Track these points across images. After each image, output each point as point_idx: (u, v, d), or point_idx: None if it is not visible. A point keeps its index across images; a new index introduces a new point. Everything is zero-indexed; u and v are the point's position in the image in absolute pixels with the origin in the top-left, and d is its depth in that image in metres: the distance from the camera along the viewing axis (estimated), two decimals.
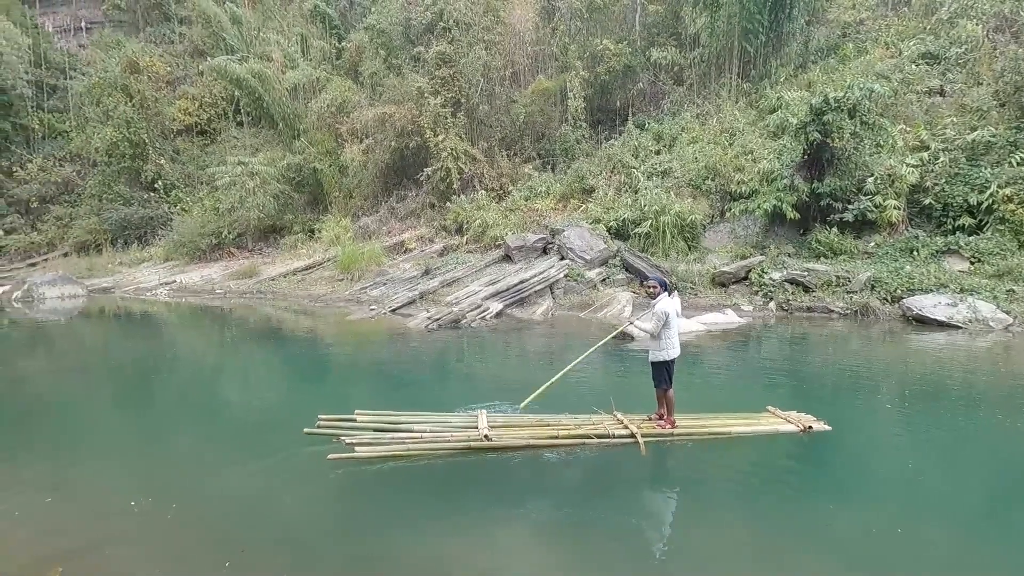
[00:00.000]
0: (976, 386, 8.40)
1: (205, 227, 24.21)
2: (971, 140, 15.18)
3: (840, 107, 14.83)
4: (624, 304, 14.55)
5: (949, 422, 7.00)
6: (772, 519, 4.69)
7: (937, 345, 10.91)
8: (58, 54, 34.69)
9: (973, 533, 4.46)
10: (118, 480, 5.47)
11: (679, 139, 20.24)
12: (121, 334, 14.85)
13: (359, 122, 23.09)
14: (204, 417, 7.66)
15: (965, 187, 14.68)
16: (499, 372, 9.82)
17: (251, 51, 28.86)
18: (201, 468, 5.77)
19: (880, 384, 8.63)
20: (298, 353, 11.90)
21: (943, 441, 6.41)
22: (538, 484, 5.15)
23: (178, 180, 27.90)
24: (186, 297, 20.10)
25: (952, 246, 14.29)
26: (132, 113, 27.02)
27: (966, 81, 17.59)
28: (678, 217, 16.79)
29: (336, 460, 5.38)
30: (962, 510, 4.83)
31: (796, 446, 6.05)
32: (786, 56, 21.02)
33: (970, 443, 6.33)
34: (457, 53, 21.67)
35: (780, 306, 14.20)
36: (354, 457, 5.42)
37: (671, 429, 6.08)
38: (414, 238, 21.18)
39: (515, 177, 22.09)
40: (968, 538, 4.38)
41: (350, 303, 17.02)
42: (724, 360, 10.30)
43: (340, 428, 5.93)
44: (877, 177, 15.10)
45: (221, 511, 4.85)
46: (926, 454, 6.07)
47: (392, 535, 4.37)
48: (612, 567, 4.02)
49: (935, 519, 4.65)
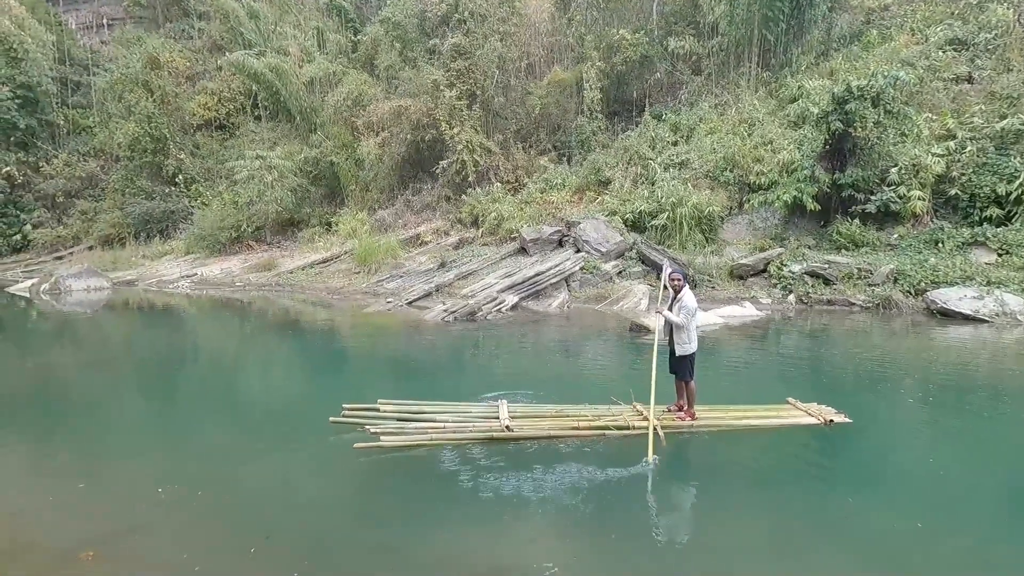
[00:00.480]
0: (1003, 381, 8.23)
1: (224, 221, 24.52)
2: (1000, 128, 14.76)
3: (863, 96, 14.50)
4: (640, 297, 14.47)
5: (973, 418, 6.88)
6: (791, 513, 4.67)
7: (962, 339, 10.69)
8: (81, 51, 35.26)
9: (994, 530, 4.39)
10: (147, 467, 5.61)
11: (697, 130, 19.99)
12: (146, 326, 15.18)
13: (375, 115, 23.14)
14: (229, 406, 7.83)
15: (993, 177, 14.30)
16: (515, 364, 9.86)
17: (268, 45, 29.07)
18: (228, 456, 5.91)
19: (902, 378, 8.49)
20: (317, 345, 12.07)
21: (967, 437, 6.30)
22: (558, 474, 5.19)
23: (198, 174, 28.26)
24: (207, 290, 20.45)
25: (979, 238, 13.96)
26: (153, 108, 27.38)
27: (995, 67, 17.06)
28: (695, 209, 16.61)
29: (361, 449, 5.49)
30: (984, 507, 4.76)
31: (817, 439, 6.00)
32: (807, 44, 20.58)
33: (995, 439, 6.21)
34: (472, 45, 21.59)
35: (800, 299, 14.01)
36: (379, 446, 5.53)
37: (691, 421, 6.07)
38: (430, 231, 21.25)
39: (531, 169, 22.01)
40: (988, 535, 4.31)
41: (367, 296, 17.18)
42: (743, 353, 10.22)
43: (364, 417, 6.05)
44: (901, 167, 14.77)
45: (247, 498, 4.96)
46: (949, 450, 5.97)
47: (412, 525, 4.43)
48: (628, 559, 4.04)
49: (956, 515, 4.58)
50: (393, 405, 6.27)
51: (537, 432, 5.83)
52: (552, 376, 8.79)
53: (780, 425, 6.15)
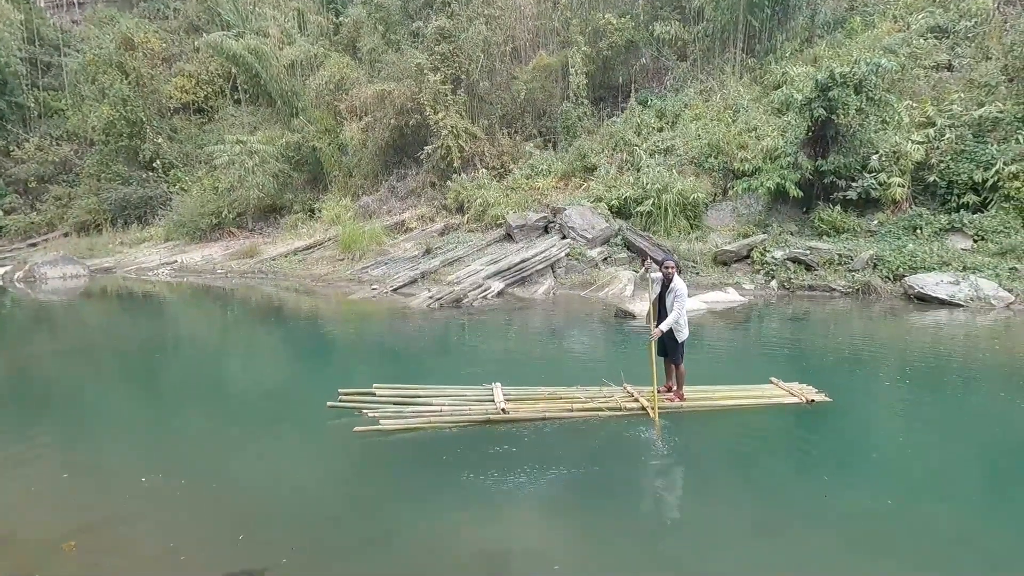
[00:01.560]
0: (975, 363, 8.46)
1: (205, 207, 24.09)
2: (978, 116, 15.01)
3: (846, 83, 14.62)
4: (626, 283, 14.55)
5: (949, 398, 7.08)
6: (775, 492, 4.78)
7: (938, 323, 10.95)
8: (51, 30, 34.11)
9: (968, 507, 4.53)
10: (132, 457, 5.53)
11: (682, 116, 20.01)
12: (125, 314, 14.91)
13: (358, 99, 22.80)
14: (217, 395, 7.74)
15: (971, 164, 14.56)
16: (503, 349, 9.88)
17: (247, 27, 28.36)
18: (216, 444, 5.85)
19: (880, 360, 8.69)
20: (303, 332, 11.96)
21: (942, 416, 6.48)
22: (551, 455, 5.27)
23: (176, 159, 27.66)
24: (188, 277, 20.12)
25: (956, 224, 14.24)
26: (128, 91, 26.64)
27: (975, 55, 17.29)
28: (680, 195, 16.69)
29: (361, 432, 5.55)
30: (954, 484, 4.91)
31: (799, 417, 6.20)
32: (792, 30, 20.65)
33: (969, 419, 6.39)
34: (457, 28, 21.29)
35: (782, 284, 14.21)
36: (378, 429, 5.59)
37: (680, 402, 6.24)
38: (415, 217, 21.09)
39: (516, 155, 21.89)
40: (962, 512, 4.44)
41: (351, 283, 17.04)
42: (726, 337, 10.36)
43: (361, 402, 6.13)
44: (882, 154, 14.97)
45: (237, 486, 4.91)
46: (923, 428, 6.14)
47: (406, 509, 4.45)
48: (615, 540, 4.10)
49: (927, 492, 4.72)
50: (389, 389, 6.36)
51: (532, 414, 5.95)
52: (541, 360, 8.84)
53: (764, 404, 6.36)
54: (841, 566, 3.78)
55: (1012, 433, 5.98)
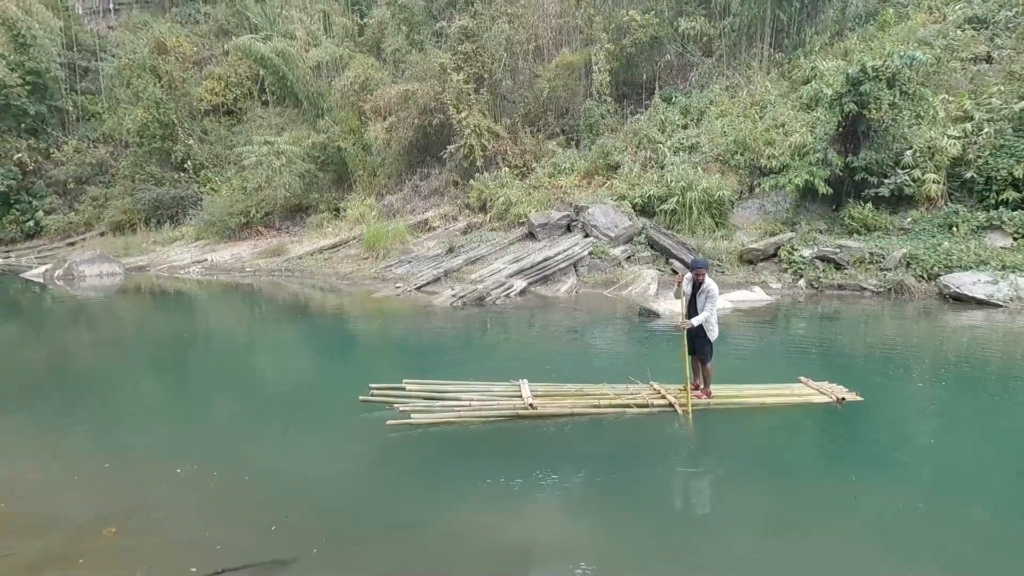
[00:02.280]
0: (1015, 365, 8.18)
1: (234, 206, 24.60)
2: (1019, 109, 14.46)
3: (878, 77, 14.23)
4: (649, 282, 14.43)
5: (985, 400, 6.88)
6: (805, 492, 4.73)
7: (975, 324, 10.61)
8: (89, 36, 35.20)
9: (1001, 510, 4.40)
10: (169, 447, 5.71)
11: (707, 113, 19.73)
12: (159, 310, 15.35)
13: (382, 100, 23.03)
14: (250, 388, 7.93)
15: (1011, 159, 14.03)
16: (527, 347, 9.90)
17: (275, 29, 28.91)
18: (251, 436, 6.03)
19: (914, 361, 8.47)
20: (330, 329, 12.16)
21: (977, 419, 6.29)
22: (577, 451, 5.32)
23: (207, 160, 28.30)
24: (217, 275, 20.60)
25: (994, 221, 13.75)
26: (161, 94, 27.38)
27: (1016, 46, 16.65)
28: (705, 193, 16.46)
29: (393, 426, 5.65)
30: (991, 487, 4.77)
31: (829, 417, 6.11)
32: (821, 24, 20.18)
33: (1005, 422, 6.20)
34: (480, 27, 21.35)
35: (810, 284, 13.92)
36: (409, 423, 5.69)
37: (708, 399, 6.23)
38: (438, 216, 21.22)
39: (539, 154, 21.86)
40: (995, 515, 4.32)
41: (376, 281, 17.25)
42: (753, 336, 10.20)
43: (391, 396, 6.26)
44: (916, 150, 14.55)
45: (271, 477, 5.03)
46: (957, 432, 5.97)
47: (433, 501, 4.52)
48: (640, 537, 4.09)
49: (963, 496, 4.59)
50: (418, 384, 6.49)
51: (560, 410, 6.00)
52: (565, 358, 8.84)
53: (793, 403, 6.29)
54: (870, 567, 3.71)
55: None
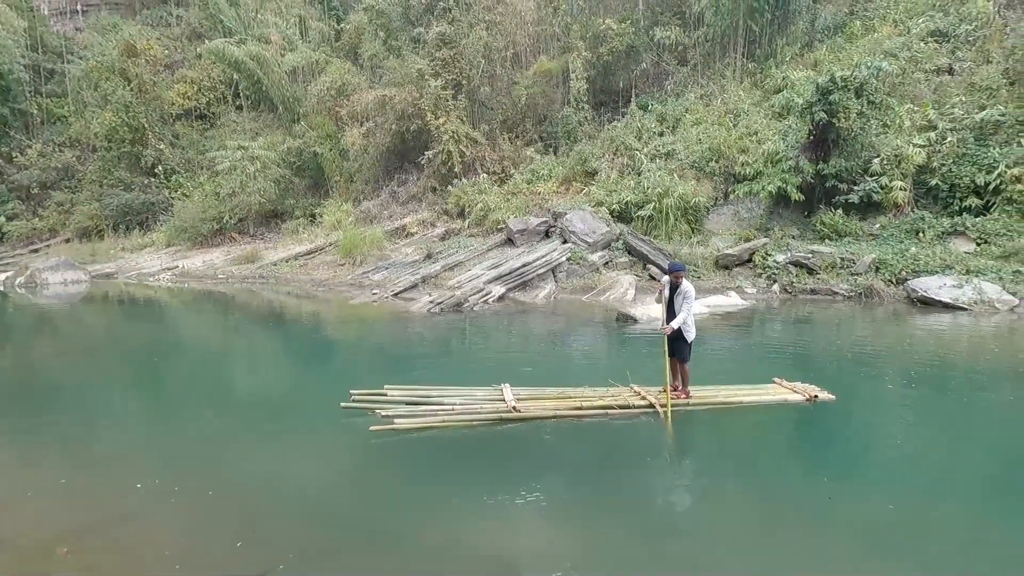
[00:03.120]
0: (979, 366, 8.39)
1: (206, 212, 24.12)
2: (979, 119, 14.98)
3: (847, 86, 14.61)
4: (627, 287, 14.50)
5: (952, 400, 7.03)
6: (782, 493, 4.75)
7: (941, 326, 10.88)
8: (54, 37, 34.28)
9: (971, 509, 4.47)
10: (133, 462, 5.46)
11: (683, 120, 20.02)
12: (126, 319, 14.89)
13: (359, 105, 22.86)
14: (218, 399, 7.67)
15: (972, 167, 14.52)
16: (506, 353, 9.82)
17: (249, 33, 28.53)
18: (220, 448, 5.80)
19: (883, 363, 8.63)
20: (305, 336, 11.93)
21: (945, 418, 6.42)
22: (560, 456, 5.33)
23: (178, 165, 27.71)
24: (189, 282, 20.11)
25: (958, 227, 14.18)
26: (130, 97, 26.75)
27: (975, 59, 17.28)
28: (681, 199, 16.67)
29: (375, 432, 5.60)
30: (961, 486, 4.85)
31: (802, 417, 6.27)
32: (792, 35, 20.68)
33: (972, 421, 6.34)
34: (458, 34, 21.37)
35: (784, 288, 14.15)
36: (393, 428, 5.65)
37: (686, 400, 6.36)
38: (416, 222, 21.09)
39: (517, 160, 21.91)
40: (966, 514, 4.38)
41: (352, 287, 17.02)
42: (729, 340, 10.29)
43: (373, 402, 6.24)
44: (883, 158, 14.94)
45: (240, 490, 4.85)
46: (928, 430, 6.09)
47: (413, 510, 4.41)
48: (623, 540, 4.04)
49: (933, 495, 4.67)
50: (400, 390, 6.50)
51: (543, 412, 6.05)
52: (545, 363, 8.80)
53: (768, 402, 6.46)
54: (848, 569, 3.73)
55: (1016, 436, 5.93)
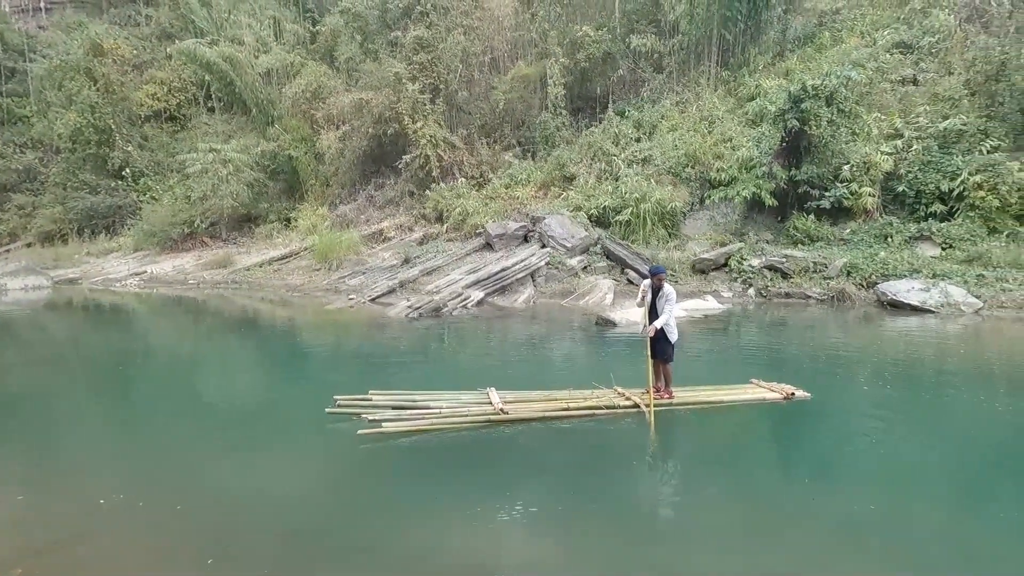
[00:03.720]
0: (948, 367, 8.62)
1: (176, 216, 23.53)
2: (943, 128, 15.48)
3: (818, 95, 14.96)
4: (606, 292, 14.55)
5: (921, 401, 7.21)
6: (763, 494, 4.79)
7: (910, 328, 11.14)
8: (16, 35, 33.19)
9: (943, 507, 4.55)
10: (100, 475, 5.22)
11: (659, 127, 20.25)
12: (91, 325, 14.37)
13: (335, 108, 22.60)
14: (189, 409, 7.37)
15: (937, 174, 14.97)
16: (486, 357, 9.74)
17: (221, 34, 27.99)
18: (192, 460, 5.57)
19: (856, 363, 8.82)
20: (280, 342, 11.65)
21: (916, 419, 6.57)
22: (547, 458, 5.36)
23: (147, 167, 27.01)
24: (157, 288, 19.54)
25: (924, 232, 14.59)
26: (97, 98, 25.99)
27: (938, 70, 17.88)
28: (658, 204, 16.83)
29: (363, 436, 5.56)
30: (933, 484, 4.95)
31: (781, 417, 6.45)
32: (764, 44, 21.12)
33: (941, 421, 6.51)
34: (435, 38, 21.30)
35: (759, 292, 14.35)
36: (382, 432, 5.60)
37: (669, 399, 6.47)
38: (393, 226, 20.88)
39: (495, 165, 21.88)
40: (939, 512, 4.46)
41: (328, 292, 16.74)
42: (707, 343, 10.37)
43: (359, 407, 6.19)
44: (853, 164, 15.31)
45: (213, 503, 4.66)
46: (899, 429, 6.19)
47: (392, 520, 4.30)
48: (608, 545, 4.00)
49: (909, 493, 4.75)
50: (385, 395, 6.45)
51: (531, 414, 6.05)
52: (526, 367, 8.75)
53: (748, 400, 6.64)
54: (837, 572, 3.74)
55: (982, 433, 6.11)
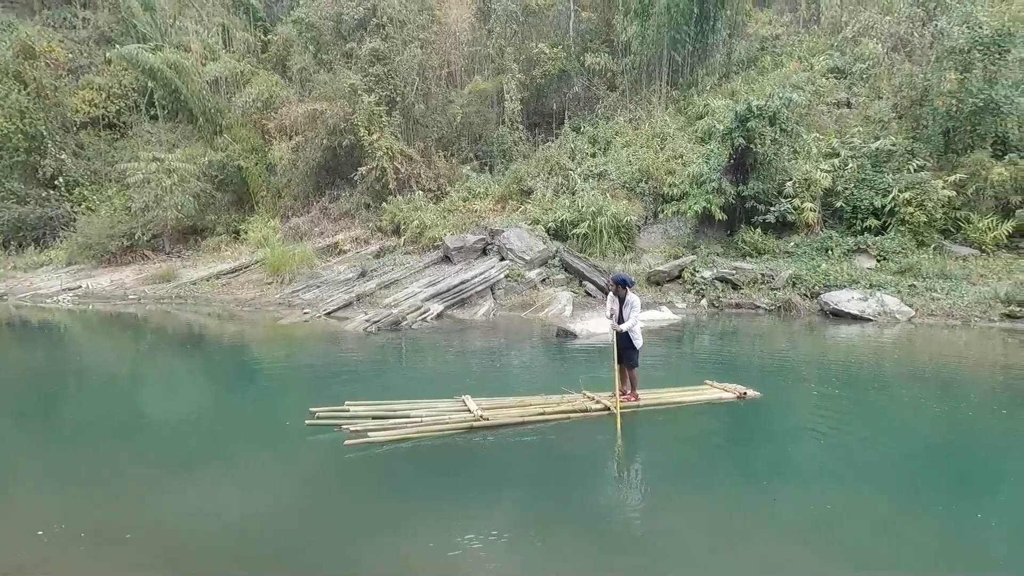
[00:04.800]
0: (885, 370, 9.21)
1: (115, 228, 22.28)
2: (875, 148, 16.56)
3: (762, 114, 15.74)
4: (565, 304, 14.71)
5: (864, 400, 7.68)
6: (725, 497, 4.95)
7: (851, 336, 11.79)
8: None
9: (891, 502, 4.79)
10: (37, 507, 4.81)
11: (613, 142, 20.79)
12: (17, 344, 13.35)
13: (288, 118, 22.07)
14: (132, 431, 6.90)
15: (871, 191, 15.97)
16: (448, 369, 9.62)
17: (166, 40, 26.91)
18: (136, 485, 5.20)
19: (803, 368, 9.38)
20: (228, 359, 11.15)
21: (860, 417, 6.98)
22: (519, 463, 5.54)
23: (82, 176, 25.51)
24: (93, 304, 18.40)
25: (861, 245, 15.51)
26: (27, 102, 24.45)
27: (869, 95, 19.18)
28: (614, 218, 17.22)
29: (352, 445, 5.61)
30: (883, 483, 5.19)
31: (737, 416, 6.92)
32: (711, 66, 22.11)
33: (882, 419, 6.96)
34: (392, 51, 21.20)
35: (711, 303, 14.84)
36: (368, 441, 5.67)
37: (635, 402, 6.81)
38: (349, 239, 20.48)
39: (453, 178, 21.88)
40: (895, 512, 4.68)
41: (281, 307, 16.20)
42: (664, 352, 10.61)
43: (338, 418, 6.22)
44: (795, 181, 16.15)
45: (169, 529, 4.35)
46: (847, 429, 6.53)
47: (363, 534, 4.21)
48: (578, 553, 3.99)
49: (862, 492, 4.95)
50: (362, 405, 6.51)
51: (509, 419, 6.22)
52: (491, 377, 8.73)
53: (706, 400, 7.10)
54: (806, 571, 3.86)
55: (917, 430, 6.62)
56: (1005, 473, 5.52)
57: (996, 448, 6.13)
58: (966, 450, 6.07)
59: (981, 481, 5.31)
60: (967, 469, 5.60)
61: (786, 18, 24.94)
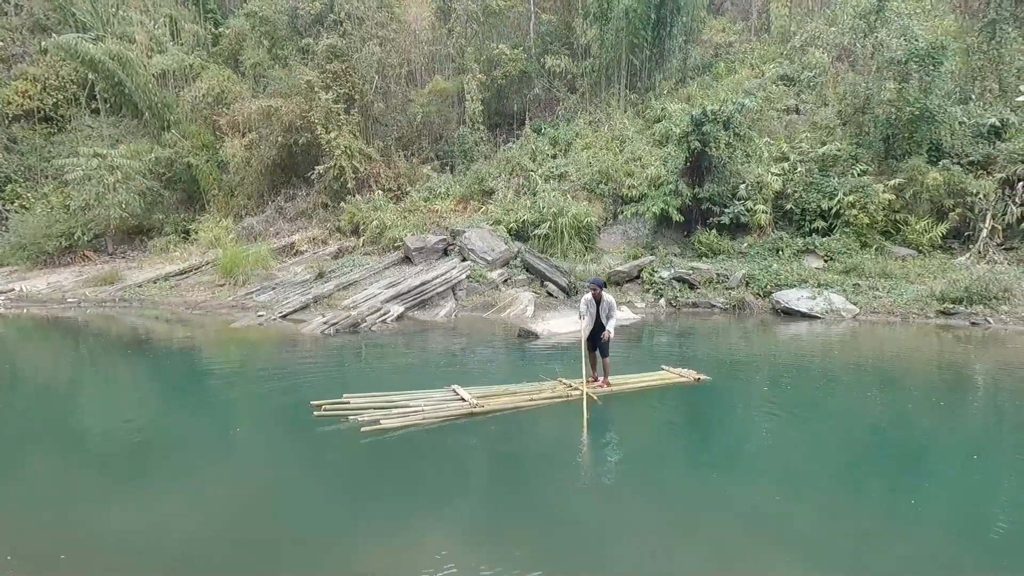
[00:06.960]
0: (831, 364, 9.69)
1: (52, 227, 21.02)
2: (821, 153, 17.28)
3: (716, 119, 16.20)
4: (527, 304, 14.74)
5: (811, 393, 8.16)
6: (676, 481, 5.23)
7: (800, 332, 12.26)
8: None
9: (842, 497, 5.00)
10: None
11: (574, 144, 21.00)
12: None
13: (241, 115, 21.37)
14: (58, 441, 6.54)
15: (818, 194, 16.66)
16: (414, 369, 9.47)
17: (108, 30, 25.59)
18: (59, 499, 4.91)
19: (755, 362, 9.81)
20: (174, 365, 10.65)
21: (807, 409, 7.39)
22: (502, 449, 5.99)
23: (15, 173, 24.01)
24: (28, 308, 17.32)
25: (810, 246, 16.16)
26: None
27: (816, 102, 20.02)
28: (575, 219, 17.39)
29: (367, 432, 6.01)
30: (827, 475, 5.43)
31: (691, 401, 7.63)
32: (668, 71, 22.62)
33: (829, 411, 7.36)
34: (350, 47, 20.82)
35: (669, 302, 15.16)
36: (381, 428, 6.09)
37: (608, 388, 7.58)
38: (305, 240, 19.98)
39: (413, 178, 21.64)
40: (841, 503, 4.89)
41: (234, 310, 15.64)
42: (626, 350, 10.76)
43: (346, 410, 6.59)
44: (748, 184, 16.69)
45: (105, 547, 4.13)
46: (795, 419, 6.92)
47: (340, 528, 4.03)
48: (551, 542, 3.98)
49: (808, 484, 5.17)
50: (361, 397, 6.86)
51: (502, 406, 6.78)
52: (459, 376, 8.60)
53: (666, 384, 7.95)
54: (762, 563, 3.96)
55: (858, 419, 6.98)
56: (940, 460, 5.88)
57: (931, 436, 6.55)
58: (904, 439, 6.40)
59: (917, 468, 5.64)
60: (905, 456, 5.93)
61: (739, 26, 25.79)
